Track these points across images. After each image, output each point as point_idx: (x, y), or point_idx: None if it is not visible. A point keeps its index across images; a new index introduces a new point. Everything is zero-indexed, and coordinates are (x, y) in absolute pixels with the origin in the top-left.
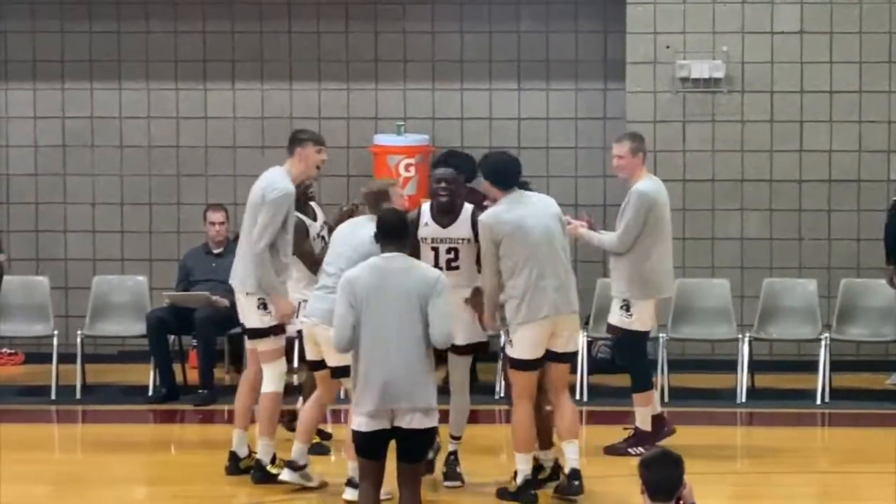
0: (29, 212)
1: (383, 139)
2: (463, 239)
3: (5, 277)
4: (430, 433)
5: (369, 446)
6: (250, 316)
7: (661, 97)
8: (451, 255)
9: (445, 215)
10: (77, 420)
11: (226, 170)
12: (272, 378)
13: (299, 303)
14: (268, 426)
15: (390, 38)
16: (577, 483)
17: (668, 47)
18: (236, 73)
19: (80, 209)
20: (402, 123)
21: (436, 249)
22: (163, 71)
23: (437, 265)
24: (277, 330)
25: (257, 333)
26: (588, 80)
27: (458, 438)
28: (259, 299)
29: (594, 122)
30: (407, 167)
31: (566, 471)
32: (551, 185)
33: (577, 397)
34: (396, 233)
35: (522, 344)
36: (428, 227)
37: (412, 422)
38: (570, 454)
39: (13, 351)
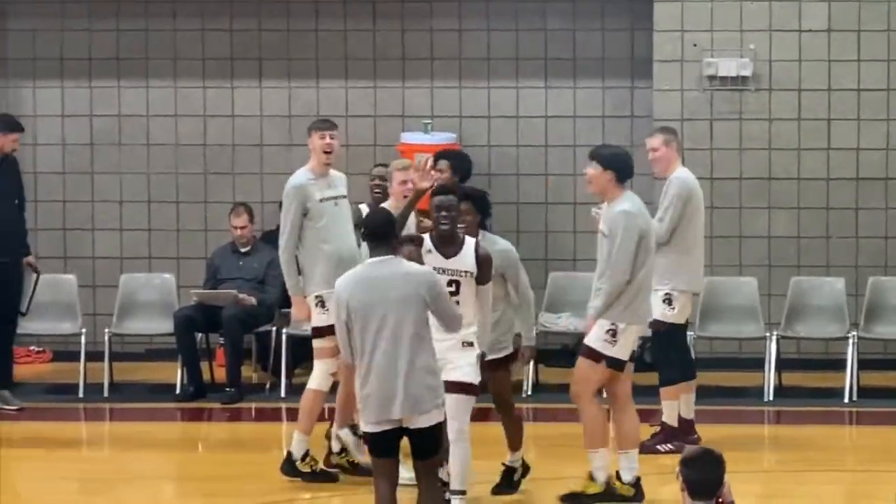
0: (57, 210)
1: (410, 137)
2: (465, 272)
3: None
4: (439, 427)
5: (380, 446)
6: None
7: (689, 95)
8: (453, 288)
9: (448, 245)
10: (104, 418)
11: (253, 168)
12: (318, 376)
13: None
14: (306, 422)
15: (417, 36)
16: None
17: (695, 45)
18: (263, 71)
19: (108, 207)
20: (429, 122)
21: None
22: (190, 69)
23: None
24: (331, 329)
25: (312, 331)
26: (615, 77)
27: (462, 493)
28: (316, 296)
29: (621, 120)
30: None
31: (627, 478)
32: (578, 184)
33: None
34: (384, 233)
35: (627, 345)
36: (431, 255)
37: (419, 421)
38: (632, 463)
39: (41, 349)
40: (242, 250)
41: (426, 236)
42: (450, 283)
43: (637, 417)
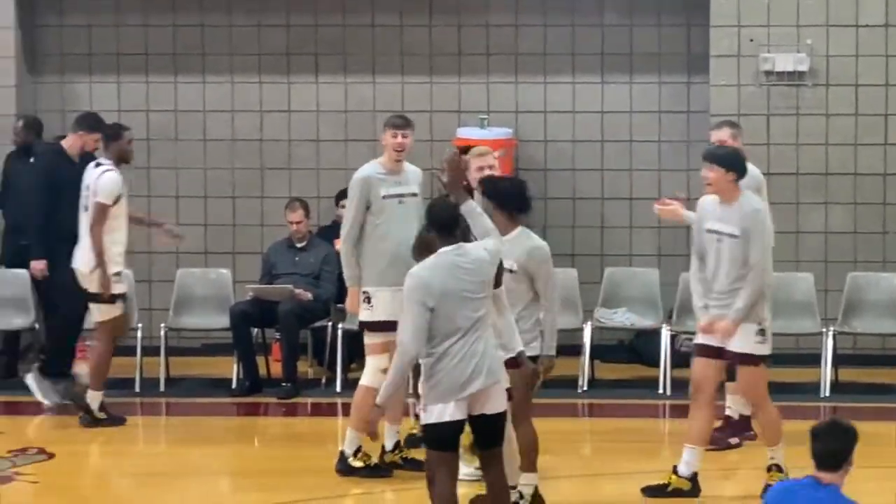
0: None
1: (466, 132)
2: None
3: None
4: (505, 416)
5: (443, 438)
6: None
7: (745, 90)
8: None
9: None
10: (161, 412)
11: (309, 163)
12: (369, 372)
13: None
14: (357, 418)
15: (473, 31)
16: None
17: (751, 40)
18: (320, 66)
19: (164, 202)
20: (485, 117)
21: None
22: (247, 64)
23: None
24: (377, 326)
25: (360, 326)
26: (671, 73)
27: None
28: (364, 292)
29: (677, 115)
30: None
31: (685, 472)
32: (634, 179)
33: (661, 391)
34: (451, 223)
35: (770, 340)
36: None
37: (486, 406)
38: (694, 458)
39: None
40: (298, 245)
41: None
42: None
43: (713, 419)
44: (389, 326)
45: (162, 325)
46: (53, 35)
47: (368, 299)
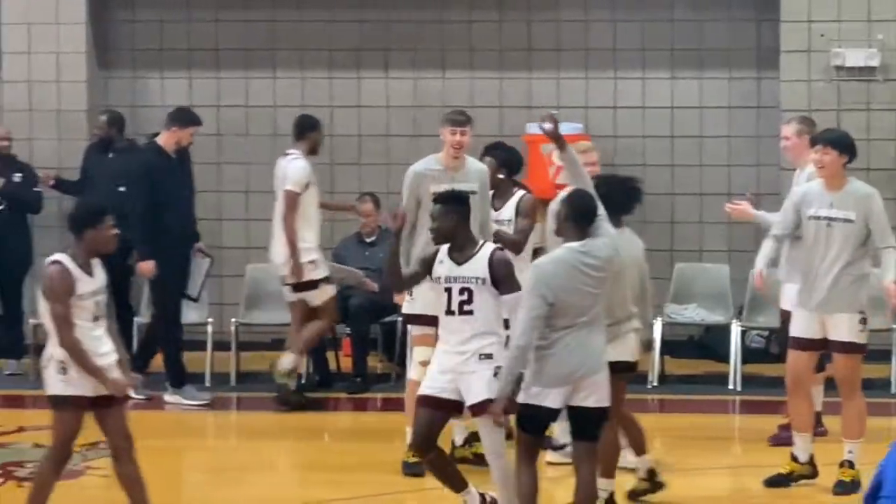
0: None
1: (536, 128)
2: (477, 278)
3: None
4: (605, 413)
5: (537, 421)
6: None
7: (816, 86)
8: (465, 297)
9: (460, 251)
10: (231, 407)
11: (379, 158)
12: (411, 365)
13: None
14: (410, 415)
15: (543, 26)
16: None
17: (822, 35)
18: (390, 61)
19: (235, 197)
20: (555, 112)
21: (448, 290)
22: (317, 60)
23: (449, 309)
24: (418, 318)
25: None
26: (741, 68)
27: None
28: None
29: (748, 110)
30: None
31: (804, 458)
32: (704, 175)
33: (731, 387)
34: (589, 216)
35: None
36: (442, 265)
37: (586, 399)
38: (808, 444)
39: None
40: (368, 240)
41: (443, 248)
42: (462, 292)
43: (812, 405)
44: (430, 320)
45: (233, 320)
46: (125, 30)
47: (411, 292)
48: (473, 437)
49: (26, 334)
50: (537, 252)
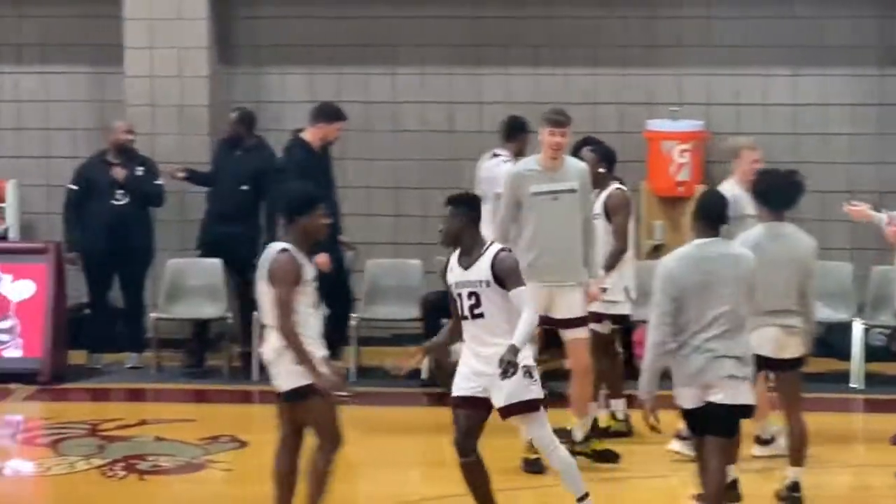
0: None
1: (657, 125)
2: (481, 281)
3: None
4: (740, 409)
5: (690, 422)
6: None
7: None
8: (473, 301)
9: (467, 256)
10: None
11: None
12: None
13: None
14: (577, 407)
15: (666, 23)
16: None
17: None
18: (511, 57)
19: (356, 193)
20: (676, 109)
21: (459, 296)
22: (437, 55)
23: (463, 314)
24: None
25: None
26: (865, 65)
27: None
28: None
29: (871, 108)
30: (681, 153)
31: None
32: (826, 172)
33: (853, 385)
34: (718, 216)
35: None
36: (452, 273)
37: (717, 396)
38: None
39: None
40: None
41: (454, 255)
42: (470, 296)
43: None
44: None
45: (353, 315)
46: (246, 26)
47: None
48: (598, 433)
49: (147, 328)
50: (658, 249)
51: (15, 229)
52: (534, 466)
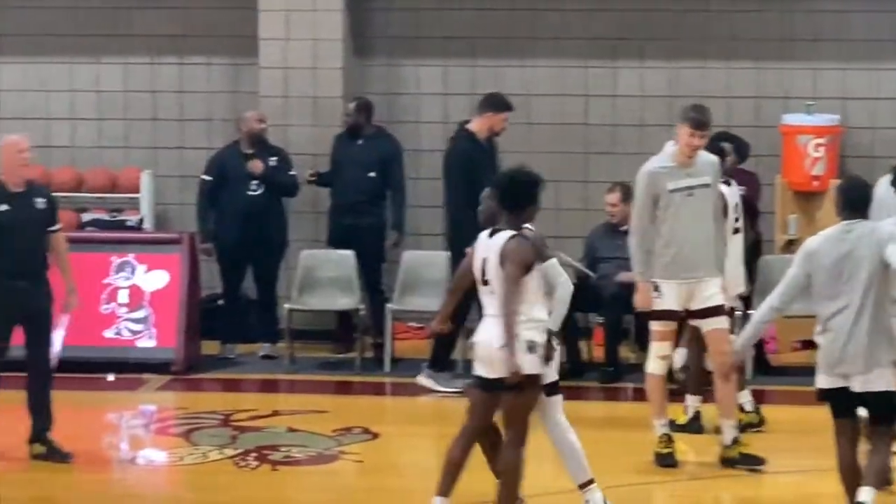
0: (437, 188)
1: (793, 119)
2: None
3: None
4: (889, 396)
5: (834, 405)
6: None
7: None
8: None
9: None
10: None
11: (633, 148)
12: (650, 358)
13: None
14: (653, 407)
15: (802, 16)
16: None
17: None
18: (646, 51)
19: None
20: (811, 103)
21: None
22: (574, 49)
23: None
24: (662, 314)
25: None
26: None
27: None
28: (652, 282)
29: None
30: (816, 147)
31: None
32: None
33: None
34: (858, 202)
35: None
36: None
37: (863, 384)
38: None
39: (420, 325)
40: (621, 229)
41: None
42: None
43: None
44: (673, 315)
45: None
46: (381, 18)
47: (657, 288)
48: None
49: (280, 318)
50: (792, 243)
51: (149, 219)
52: (666, 461)
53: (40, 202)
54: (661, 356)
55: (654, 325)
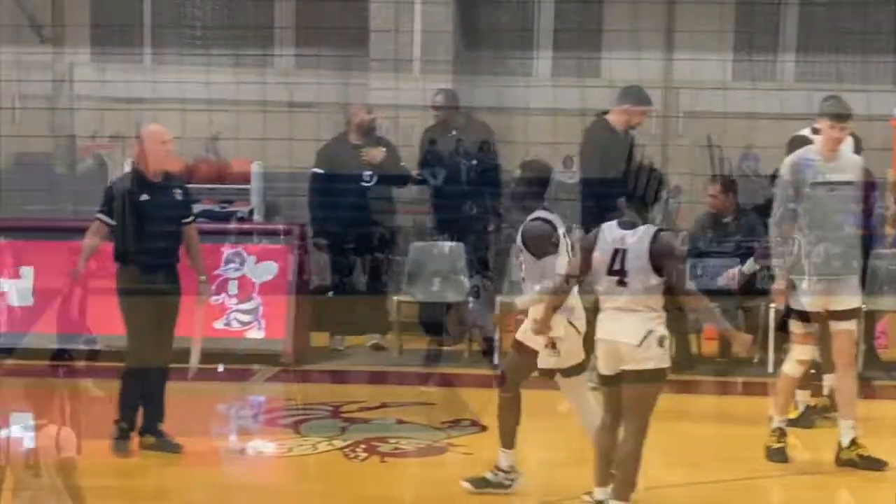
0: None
1: None
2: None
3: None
4: None
5: None
6: None
7: None
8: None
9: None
10: None
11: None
12: (789, 360)
13: None
14: (777, 406)
15: None
16: None
17: None
18: (776, 44)
19: None
20: None
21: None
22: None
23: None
24: (801, 315)
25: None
26: None
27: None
28: (790, 279)
29: None
30: None
31: None
32: None
33: None
34: None
35: None
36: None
37: None
38: None
39: None
40: (724, 220)
41: None
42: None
43: None
44: (813, 317)
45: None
46: (488, 11)
47: (794, 285)
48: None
49: (390, 311)
50: None
51: (259, 211)
52: (777, 455)
53: (178, 193)
54: (800, 360)
55: (794, 328)
